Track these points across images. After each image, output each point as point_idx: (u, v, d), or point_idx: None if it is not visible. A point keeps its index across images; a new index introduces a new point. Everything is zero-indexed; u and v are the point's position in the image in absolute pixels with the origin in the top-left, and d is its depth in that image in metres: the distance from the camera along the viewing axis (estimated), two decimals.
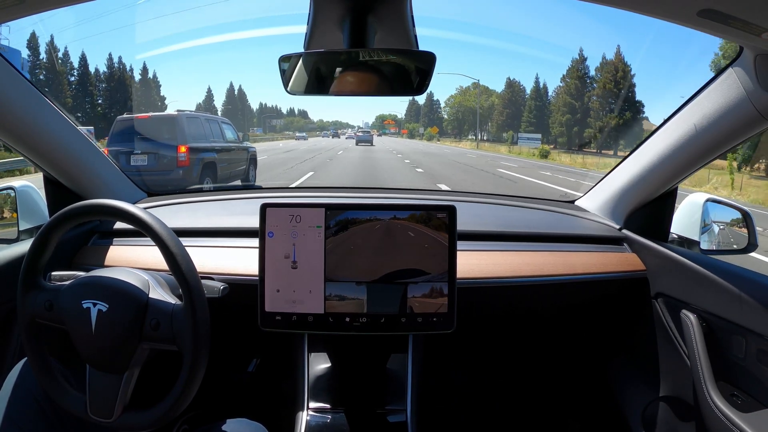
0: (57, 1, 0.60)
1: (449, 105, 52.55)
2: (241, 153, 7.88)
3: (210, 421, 0.88)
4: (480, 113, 46.60)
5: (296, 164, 12.78)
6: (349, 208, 0.88)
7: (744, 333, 0.84)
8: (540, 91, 38.79)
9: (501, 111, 42.19)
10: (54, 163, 1.04)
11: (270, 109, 65.66)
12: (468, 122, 48.76)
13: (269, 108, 65.72)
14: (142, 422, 0.73)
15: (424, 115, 55.90)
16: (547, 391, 1.39)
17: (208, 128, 6.98)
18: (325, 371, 1.02)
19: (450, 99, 52.76)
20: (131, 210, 0.73)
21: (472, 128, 47.64)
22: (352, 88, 0.74)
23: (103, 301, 0.72)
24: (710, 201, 1.08)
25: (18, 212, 1.07)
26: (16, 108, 0.89)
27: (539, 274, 1.04)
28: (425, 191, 1.58)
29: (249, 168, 8.04)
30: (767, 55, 0.72)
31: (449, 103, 52.45)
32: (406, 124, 59.43)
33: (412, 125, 56.97)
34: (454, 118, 50.83)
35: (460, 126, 49.83)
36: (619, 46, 36.24)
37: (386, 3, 0.70)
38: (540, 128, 36.21)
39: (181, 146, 6.14)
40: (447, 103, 52.79)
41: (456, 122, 50.40)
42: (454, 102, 51.57)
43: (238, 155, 7.76)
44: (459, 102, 50.59)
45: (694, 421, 0.94)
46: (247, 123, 53.92)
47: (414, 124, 57.04)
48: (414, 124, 57.01)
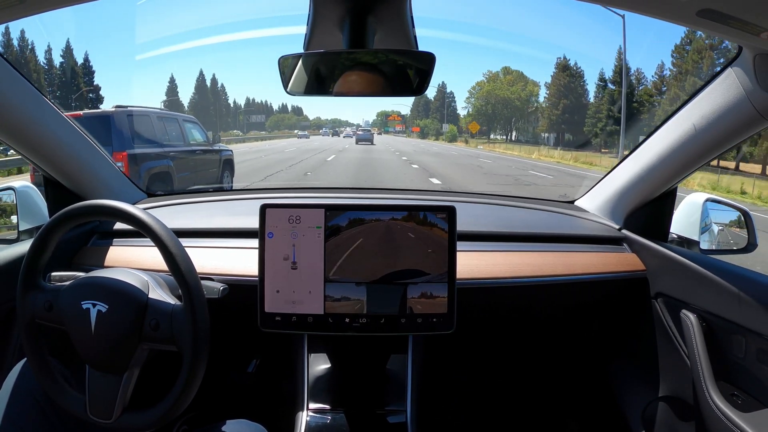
0: (57, 1, 0.60)
1: (475, 95, 41.24)
2: (211, 157, 6.65)
3: (210, 421, 0.88)
4: (517, 105, 37.13)
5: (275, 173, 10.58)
6: (348, 209, 0.88)
7: (744, 333, 0.84)
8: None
9: (556, 102, 31.53)
10: (54, 164, 1.04)
11: (258, 105, 57.98)
12: (503, 116, 38.92)
13: (258, 104, 57.99)
14: (142, 423, 0.73)
15: (436, 111, 47.07)
16: (547, 392, 1.38)
17: (162, 129, 5.58)
18: (324, 372, 1.02)
19: (475, 88, 41.45)
20: (131, 210, 0.73)
21: (507, 124, 38.38)
22: (351, 88, 0.74)
23: (102, 302, 0.72)
24: (710, 201, 1.08)
25: (18, 212, 1.07)
26: (15, 108, 0.89)
27: (539, 275, 1.04)
28: (425, 191, 1.59)
29: (223, 174, 6.86)
30: (766, 55, 0.72)
31: (475, 93, 41.28)
32: (416, 121, 49.85)
33: (424, 122, 47.89)
34: (483, 112, 39.98)
35: (490, 122, 39.90)
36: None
37: (386, 3, 0.70)
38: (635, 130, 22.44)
39: (117, 153, 4.63)
40: (472, 92, 41.77)
41: (485, 117, 39.87)
42: (481, 92, 40.41)
43: (207, 160, 6.52)
44: (489, 91, 39.73)
45: (694, 421, 0.94)
46: (221, 121, 45.09)
47: (425, 120, 47.93)
48: (425, 121, 47.88)
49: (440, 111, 46.67)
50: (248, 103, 56.39)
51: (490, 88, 39.77)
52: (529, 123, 37.70)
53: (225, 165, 7.00)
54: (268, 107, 60.12)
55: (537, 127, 35.16)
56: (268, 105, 60.51)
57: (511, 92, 38.56)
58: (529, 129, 37.83)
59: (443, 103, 46.55)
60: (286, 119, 60.64)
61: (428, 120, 47.69)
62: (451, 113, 46.32)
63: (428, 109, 48.34)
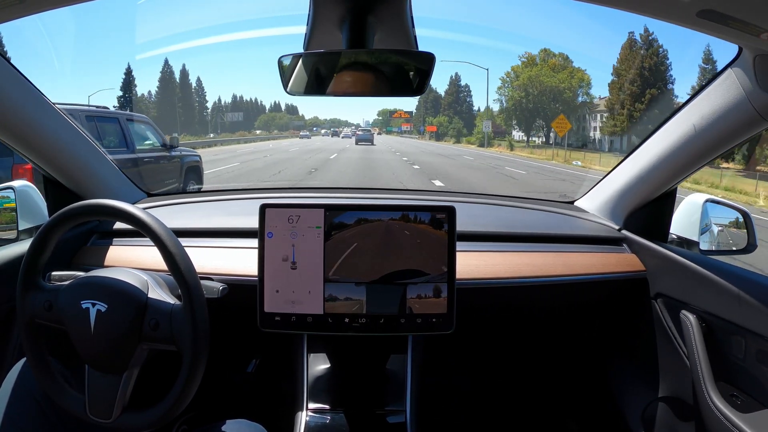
0: (57, 1, 0.60)
1: (509, 83, 30.90)
2: (168, 165, 5.59)
3: (209, 421, 0.88)
4: (567, 98, 27.87)
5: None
6: (348, 209, 0.88)
7: (743, 333, 0.84)
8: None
9: (637, 94, 22.12)
10: (54, 163, 1.04)
11: (247, 103, 51.45)
12: (550, 111, 28.50)
13: (246, 102, 51.68)
14: (142, 423, 0.73)
15: (449, 107, 39.01)
16: (546, 392, 1.39)
17: (94, 131, 4.44)
18: (324, 372, 1.02)
19: (509, 75, 30.87)
20: (130, 210, 0.73)
21: (547, 121, 27.78)
22: (351, 88, 0.74)
23: (102, 302, 0.72)
24: (709, 201, 1.08)
25: (17, 212, 1.07)
26: (16, 108, 0.89)
27: (539, 275, 1.04)
28: (424, 191, 1.59)
29: (186, 183, 5.85)
30: (766, 56, 0.72)
31: (509, 80, 30.96)
32: (430, 119, 40.86)
33: (439, 119, 38.99)
34: (522, 107, 29.96)
35: (528, 119, 29.91)
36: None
37: (386, 3, 0.70)
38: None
39: (18, 166, 3.40)
40: (507, 79, 31.13)
41: (526, 113, 29.77)
42: (520, 80, 30.01)
43: (162, 168, 5.48)
44: (530, 78, 29.58)
45: (694, 421, 0.94)
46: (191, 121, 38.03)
47: (440, 117, 39.37)
48: (440, 118, 38.98)
49: (453, 107, 38.64)
50: (235, 102, 49.70)
51: (532, 74, 29.50)
52: (578, 120, 28.20)
53: (189, 173, 5.91)
54: (258, 106, 54.22)
55: (603, 127, 25.28)
56: (259, 103, 54.93)
57: (558, 80, 29.08)
58: (580, 129, 27.96)
59: (458, 98, 38.89)
60: (277, 119, 55.04)
61: (443, 117, 39.42)
62: (467, 110, 38.54)
63: (438, 105, 40.73)
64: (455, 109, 39.00)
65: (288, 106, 59.01)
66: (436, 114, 40.66)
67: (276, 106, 57.70)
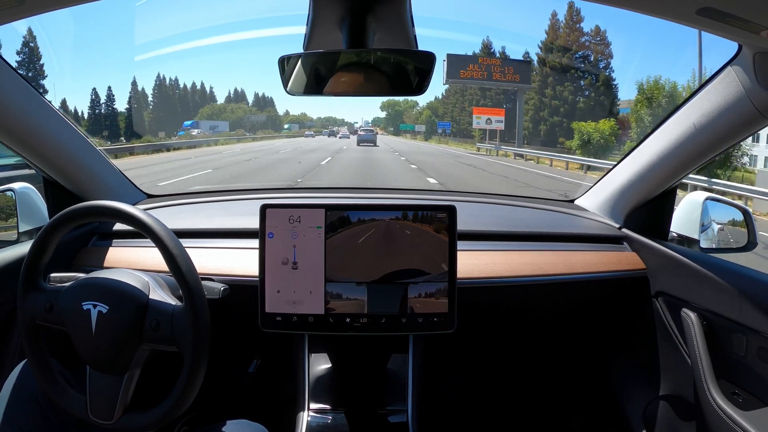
0: (57, 1, 0.60)
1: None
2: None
3: (210, 422, 0.88)
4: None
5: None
6: (348, 209, 0.88)
7: (744, 331, 0.84)
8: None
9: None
10: (54, 165, 1.04)
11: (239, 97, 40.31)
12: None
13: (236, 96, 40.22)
14: (143, 424, 0.73)
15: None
16: (547, 391, 1.39)
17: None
18: (325, 372, 1.02)
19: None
20: (131, 211, 0.73)
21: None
22: (351, 88, 0.74)
23: (103, 303, 0.72)
24: (709, 199, 1.08)
25: (18, 214, 1.07)
26: (15, 109, 0.89)
27: (539, 274, 1.04)
28: (425, 191, 1.59)
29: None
30: (766, 53, 0.72)
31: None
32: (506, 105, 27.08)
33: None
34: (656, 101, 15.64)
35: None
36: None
37: (386, 3, 0.70)
38: None
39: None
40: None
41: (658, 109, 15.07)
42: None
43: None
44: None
45: (695, 419, 0.94)
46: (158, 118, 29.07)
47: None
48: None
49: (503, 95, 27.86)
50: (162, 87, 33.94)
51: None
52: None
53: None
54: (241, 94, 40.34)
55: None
56: (241, 92, 41.03)
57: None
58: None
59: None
60: (238, 110, 37.78)
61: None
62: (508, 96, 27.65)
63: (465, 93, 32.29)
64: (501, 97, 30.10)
65: (260, 97, 44.42)
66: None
67: (239, 95, 42.42)
